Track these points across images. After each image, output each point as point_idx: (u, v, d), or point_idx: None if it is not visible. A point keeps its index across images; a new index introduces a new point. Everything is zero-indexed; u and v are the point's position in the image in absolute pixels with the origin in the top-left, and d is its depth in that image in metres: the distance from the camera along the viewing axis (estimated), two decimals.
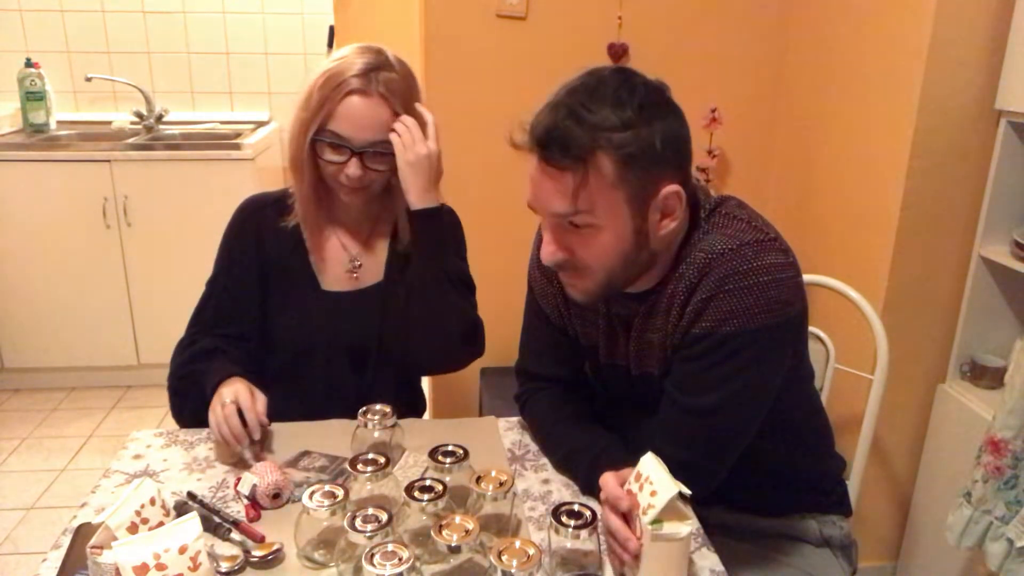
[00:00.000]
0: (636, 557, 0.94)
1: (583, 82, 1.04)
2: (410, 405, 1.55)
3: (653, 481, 0.93)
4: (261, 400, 1.26)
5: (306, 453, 1.25)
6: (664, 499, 0.91)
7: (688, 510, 0.94)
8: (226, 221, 1.46)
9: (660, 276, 1.12)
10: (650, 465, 0.96)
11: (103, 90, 3.43)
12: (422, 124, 1.34)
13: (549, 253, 1.07)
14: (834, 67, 2.04)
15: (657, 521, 0.92)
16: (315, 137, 1.30)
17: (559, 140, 1.00)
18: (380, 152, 1.31)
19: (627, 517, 0.97)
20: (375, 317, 1.41)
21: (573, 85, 1.04)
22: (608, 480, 1.01)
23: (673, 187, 1.04)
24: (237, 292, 1.43)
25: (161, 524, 0.94)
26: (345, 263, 1.45)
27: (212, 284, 1.46)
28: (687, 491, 0.92)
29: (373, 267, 1.46)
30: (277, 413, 1.38)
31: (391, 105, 1.31)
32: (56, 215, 2.98)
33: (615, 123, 0.99)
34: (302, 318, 1.42)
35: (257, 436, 1.23)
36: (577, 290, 1.12)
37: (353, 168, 1.30)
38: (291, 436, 1.32)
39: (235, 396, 1.23)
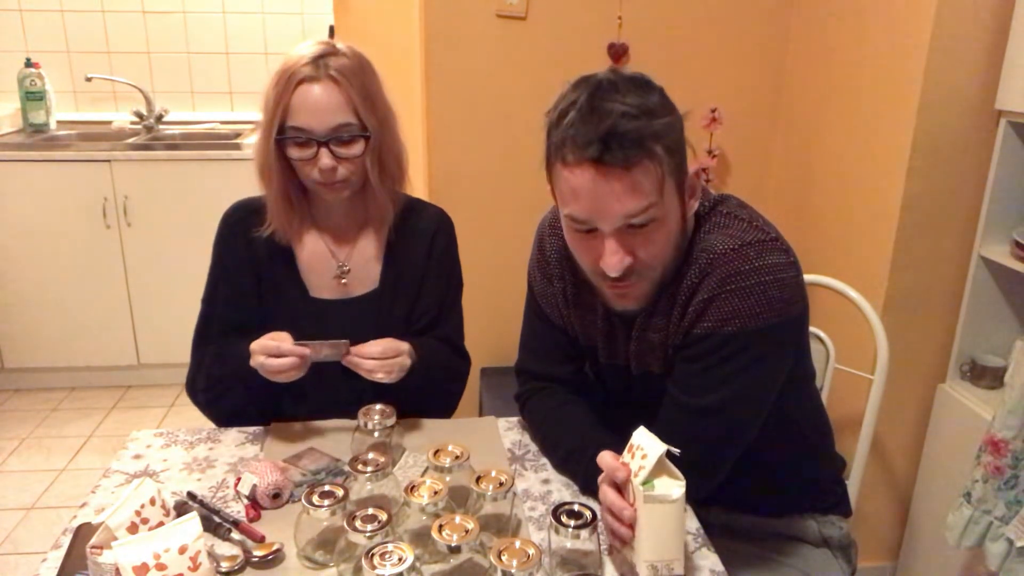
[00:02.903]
0: (632, 527, 0.95)
1: (595, 84, 1.01)
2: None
3: (643, 446, 0.95)
4: (282, 337, 1.27)
5: (306, 453, 1.25)
6: (653, 459, 0.91)
7: (678, 472, 0.95)
8: None
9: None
10: (641, 436, 0.97)
11: (103, 90, 3.43)
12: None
13: (618, 261, 1.02)
14: (834, 67, 2.04)
15: (648, 482, 0.92)
16: (278, 137, 1.28)
17: (624, 137, 0.96)
18: (347, 138, 1.29)
19: (622, 491, 0.98)
20: (368, 327, 1.36)
21: (589, 90, 1.00)
22: (605, 456, 1.01)
23: (694, 167, 1.06)
24: (238, 300, 1.40)
25: (161, 524, 0.94)
26: (333, 269, 1.42)
27: (210, 300, 1.43)
28: (675, 450, 0.93)
29: (364, 274, 1.43)
30: (277, 413, 1.39)
31: (345, 87, 1.27)
32: (56, 215, 2.98)
33: (656, 110, 1.00)
34: (292, 326, 1.40)
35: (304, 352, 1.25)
36: (630, 298, 1.10)
37: (325, 159, 1.28)
38: (291, 436, 1.32)
39: (262, 349, 1.25)
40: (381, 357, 1.27)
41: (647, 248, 1.04)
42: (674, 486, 0.92)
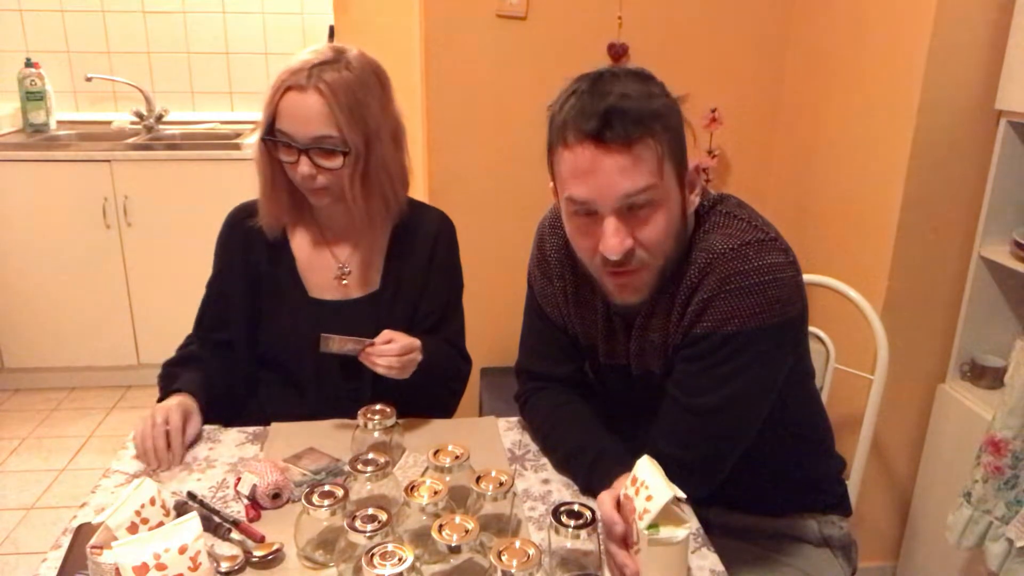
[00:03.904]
0: None
1: (597, 74, 1.04)
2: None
3: (649, 486, 0.93)
4: (193, 425, 1.29)
5: (306, 453, 1.25)
6: (659, 504, 0.90)
7: (685, 514, 0.94)
8: None
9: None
10: (646, 469, 0.96)
11: (103, 90, 3.43)
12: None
13: (618, 243, 1.02)
14: (834, 67, 2.04)
15: (653, 526, 0.91)
16: (265, 136, 1.31)
17: (624, 115, 0.98)
18: (327, 149, 1.29)
19: (624, 540, 0.97)
20: (368, 329, 1.36)
21: (591, 78, 1.03)
22: (604, 502, 0.99)
23: (694, 161, 1.07)
24: (228, 301, 1.44)
25: (161, 524, 0.94)
26: (333, 270, 1.43)
27: (209, 287, 1.48)
28: (682, 495, 0.92)
29: (364, 275, 1.44)
30: (277, 414, 1.39)
31: (329, 101, 1.26)
32: (56, 215, 2.98)
33: (656, 95, 1.02)
34: (291, 326, 1.41)
35: (177, 462, 1.24)
36: (631, 288, 1.09)
37: (304, 167, 1.29)
38: (291, 436, 1.32)
39: (166, 416, 1.25)
40: (399, 354, 1.28)
41: (647, 231, 1.04)
42: (678, 529, 0.92)
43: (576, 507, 0.97)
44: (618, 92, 1.00)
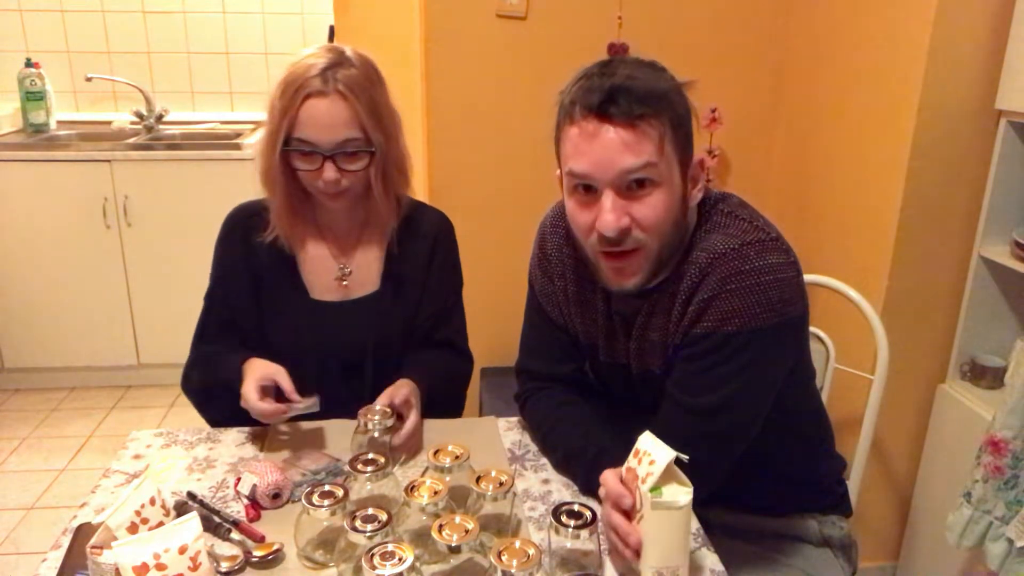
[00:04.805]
0: (637, 553, 0.94)
1: (604, 62, 1.06)
2: None
3: (651, 452, 0.94)
4: (281, 377, 1.26)
5: (306, 453, 1.25)
6: (661, 466, 0.91)
7: (685, 479, 0.95)
8: None
9: (664, 274, 1.12)
10: (648, 441, 0.97)
11: (103, 90, 3.43)
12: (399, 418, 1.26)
13: (615, 219, 1.03)
14: (834, 67, 2.04)
15: (656, 488, 0.92)
16: (284, 148, 1.28)
17: (629, 92, 1.01)
18: (352, 152, 1.29)
19: (628, 514, 0.97)
20: (369, 329, 1.38)
21: (599, 64, 1.06)
22: (608, 477, 1.00)
23: (699, 156, 1.09)
24: (232, 303, 1.42)
25: (161, 524, 0.94)
26: (334, 271, 1.43)
27: (209, 298, 1.45)
28: (684, 457, 0.92)
29: (365, 276, 1.44)
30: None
31: (352, 102, 1.26)
32: (56, 215, 2.98)
33: (663, 79, 1.05)
34: (292, 327, 1.41)
35: (301, 401, 1.24)
36: (628, 273, 1.09)
37: (329, 172, 1.28)
38: (291, 436, 1.32)
39: (251, 397, 1.23)
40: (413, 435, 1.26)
41: (644, 210, 1.04)
42: (681, 492, 0.92)
43: (576, 507, 0.97)
44: (625, 73, 1.02)
